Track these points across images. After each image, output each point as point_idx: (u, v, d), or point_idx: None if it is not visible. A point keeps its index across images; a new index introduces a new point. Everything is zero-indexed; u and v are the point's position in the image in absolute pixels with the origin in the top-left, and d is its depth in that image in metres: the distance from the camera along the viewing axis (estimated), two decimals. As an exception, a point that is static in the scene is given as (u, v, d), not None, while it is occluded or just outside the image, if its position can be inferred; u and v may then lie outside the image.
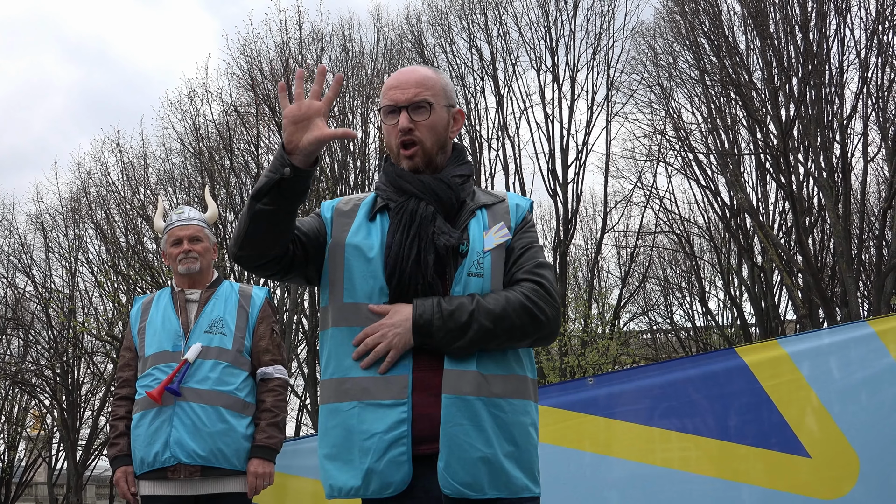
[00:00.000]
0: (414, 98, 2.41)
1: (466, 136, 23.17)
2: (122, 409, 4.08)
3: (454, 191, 2.43)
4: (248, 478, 3.92)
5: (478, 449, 2.25)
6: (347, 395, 2.32)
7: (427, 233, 2.33)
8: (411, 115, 2.41)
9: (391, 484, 2.25)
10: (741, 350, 4.18)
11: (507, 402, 2.32)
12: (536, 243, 2.47)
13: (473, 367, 2.29)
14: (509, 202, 2.52)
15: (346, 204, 2.51)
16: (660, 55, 21.94)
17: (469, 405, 2.26)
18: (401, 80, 2.45)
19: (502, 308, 2.30)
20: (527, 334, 2.34)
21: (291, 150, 2.22)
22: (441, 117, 2.45)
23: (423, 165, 2.43)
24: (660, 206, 23.98)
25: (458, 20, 23.78)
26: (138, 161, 23.37)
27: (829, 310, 18.01)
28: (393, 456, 2.25)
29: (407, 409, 2.26)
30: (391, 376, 2.29)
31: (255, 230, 2.29)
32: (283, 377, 4.11)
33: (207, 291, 4.13)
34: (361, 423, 2.28)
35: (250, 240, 2.31)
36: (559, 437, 4.21)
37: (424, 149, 2.42)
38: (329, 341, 2.41)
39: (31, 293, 25.85)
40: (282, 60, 22.17)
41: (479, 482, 2.25)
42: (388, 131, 2.45)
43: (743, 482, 4.04)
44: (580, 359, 21.08)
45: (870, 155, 18.85)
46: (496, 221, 2.44)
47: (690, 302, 26.43)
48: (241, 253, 2.35)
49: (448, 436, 2.24)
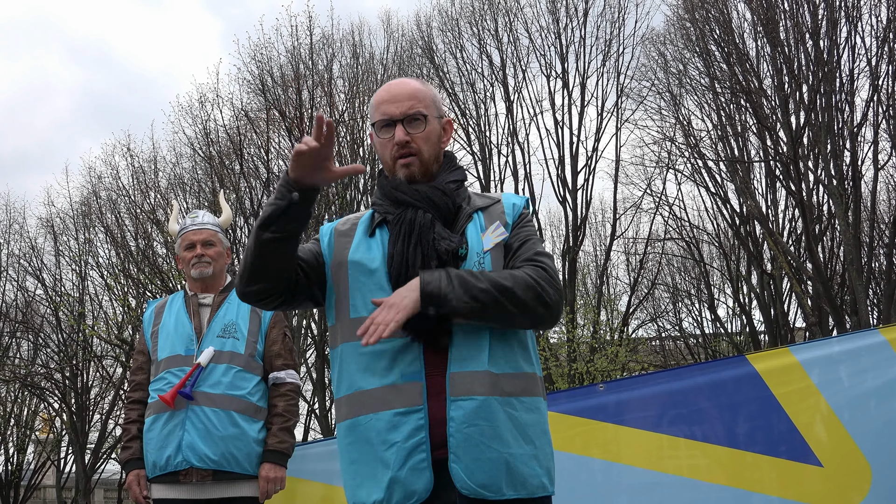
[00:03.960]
0: (409, 111, 2.43)
1: (476, 142, 23.21)
2: (134, 412, 4.08)
3: (450, 196, 2.44)
4: (259, 482, 3.93)
5: (495, 449, 2.25)
6: (364, 408, 2.32)
7: (428, 239, 2.34)
8: (406, 127, 2.43)
9: (414, 493, 2.24)
10: (752, 357, 4.17)
11: (518, 401, 2.32)
12: (534, 236, 2.47)
13: (485, 366, 2.29)
14: (504, 202, 2.53)
15: (344, 224, 2.54)
16: (670, 62, 21.95)
17: (485, 405, 2.26)
18: (393, 93, 2.47)
19: (510, 280, 2.29)
20: (529, 311, 2.30)
21: (298, 185, 2.28)
22: (434, 128, 2.48)
23: (420, 174, 2.44)
24: (669, 212, 23.97)
25: (468, 26, 23.82)
26: (149, 165, 23.45)
27: (839, 318, 17.96)
28: (413, 463, 2.24)
29: (423, 415, 2.26)
30: (405, 384, 2.28)
31: (263, 261, 2.33)
32: (295, 382, 4.12)
33: (220, 296, 4.14)
34: (380, 434, 2.28)
35: (260, 272, 2.34)
36: (568, 443, 4.20)
37: (422, 159, 2.44)
38: (340, 358, 2.42)
39: (42, 296, 25.95)
40: (292, 66, 22.24)
41: (497, 483, 2.24)
42: (383, 145, 2.47)
43: (753, 490, 4.02)
44: (589, 365, 21.03)
45: (880, 163, 18.80)
46: (492, 222, 2.45)
47: (699, 309, 26.40)
48: (250, 288, 2.38)
49: (464, 436, 2.24)
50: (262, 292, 2.39)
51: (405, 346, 2.31)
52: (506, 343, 2.35)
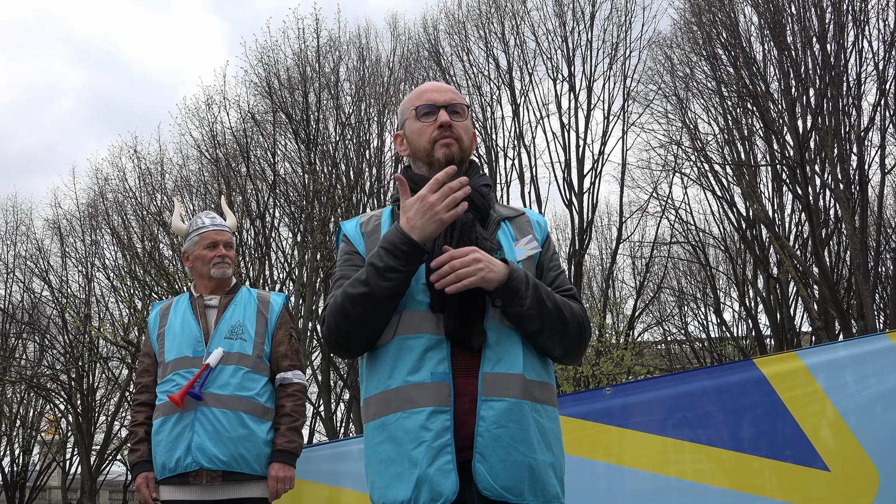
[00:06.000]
0: (452, 100, 2.47)
1: (482, 145, 23.18)
2: (141, 414, 4.08)
3: (486, 199, 2.46)
4: (269, 482, 3.93)
5: (521, 453, 2.25)
6: (392, 407, 2.31)
7: (470, 238, 2.34)
8: (450, 115, 2.45)
9: (441, 494, 2.21)
10: (759, 361, 4.15)
11: (543, 408, 2.34)
12: (560, 265, 2.57)
13: (520, 369, 2.29)
14: (530, 217, 2.58)
15: (367, 224, 2.54)
16: (676, 65, 21.91)
17: (517, 408, 2.26)
18: (436, 86, 2.53)
19: (569, 311, 2.37)
20: (572, 344, 2.40)
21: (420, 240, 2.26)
22: (470, 127, 2.51)
23: (458, 158, 2.44)
24: (675, 216, 23.94)
25: (475, 29, 23.81)
26: (155, 167, 23.52)
27: (846, 322, 17.91)
28: (441, 464, 2.22)
29: (450, 416, 2.24)
30: (433, 383, 2.26)
31: (380, 321, 2.31)
32: (302, 382, 4.12)
33: (226, 297, 4.14)
34: (408, 433, 2.26)
35: (375, 322, 2.32)
36: (573, 446, 4.17)
37: (462, 145, 2.46)
38: (367, 357, 2.42)
39: (48, 298, 26.03)
40: (299, 68, 22.27)
41: (520, 487, 2.24)
42: (422, 131, 2.47)
43: (758, 495, 4.01)
44: (594, 369, 21.02)
45: (887, 167, 18.78)
46: (521, 233, 2.49)
47: (705, 313, 26.37)
48: (363, 339, 2.36)
49: (493, 437, 2.23)
50: (368, 343, 2.39)
51: (435, 345, 2.29)
52: (536, 351, 2.38)
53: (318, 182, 21.31)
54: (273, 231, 22.73)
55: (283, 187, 22.37)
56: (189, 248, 4.22)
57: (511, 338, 2.32)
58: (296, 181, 22.46)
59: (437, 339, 2.29)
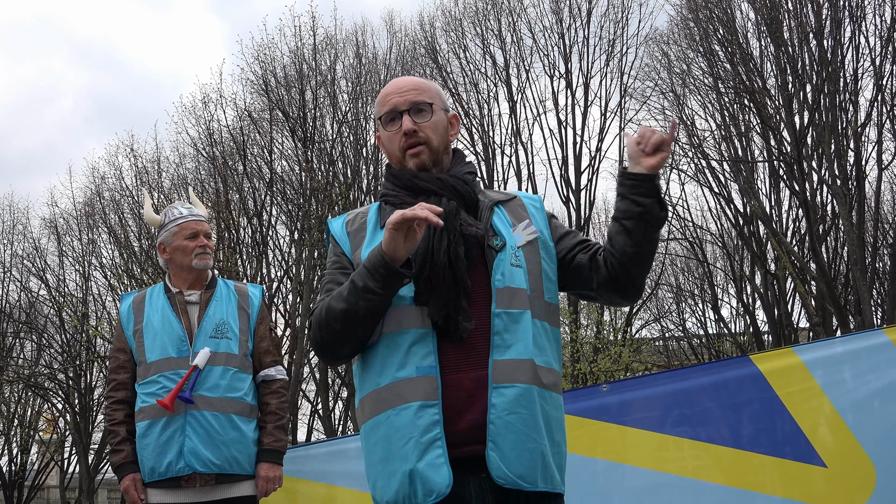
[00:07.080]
0: (414, 100, 2.43)
1: (480, 142, 23.19)
2: (120, 412, 3.91)
3: (470, 186, 2.44)
4: (258, 482, 3.89)
5: (534, 439, 2.24)
6: (384, 405, 2.29)
7: (454, 226, 2.31)
8: (413, 117, 2.42)
9: (433, 490, 2.19)
10: (756, 358, 4.15)
11: (549, 395, 2.33)
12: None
13: (530, 354, 2.28)
14: (522, 199, 2.54)
15: (353, 222, 2.51)
16: (673, 62, 21.91)
17: (527, 393, 2.25)
18: (398, 86, 2.47)
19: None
20: (646, 272, 2.43)
21: (394, 259, 2.23)
22: (441, 119, 2.47)
23: (431, 163, 2.42)
24: (673, 212, 23.91)
25: (471, 26, 23.79)
26: (152, 166, 23.48)
27: (843, 318, 17.92)
28: (431, 459, 2.20)
29: (438, 410, 2.22)
30: (420, 377, 2.25)
31: (366, 331, 2.31)
32: (284, 378, 4.06)
33: (207, 292, 4.01)
34: (399, 430, 2.24)
35: (358, 335, 2.32)
36: (571, 444, 4.14)
37: (431, 147, 2.43)
38: (361, 358, 2.40)
39: (45, 297, 26.00)
40: (296, 66, 22.24)
41: (534, 474, 2.23)
42: (390, 138, 2.45)
43: (756, 491, 4.01)
44: (592, 365, 21.02)
45: (884, 162, 18.80)
46: (516, 218, 2.46)
47: (703, 309, 26.36)
48: (347, 351, 2.36)
49: (505, 423, 2.21)
50: (354, 353, 2.40)
51: (419, 339, 2.27)
52: (545, 336, 2.36)
53: (316, 180, 21.30)
54: (270, 229, 22.73)
55: (280, 185, 22.37)
56: (167, 239, 4.04)
57: (520, 323, 2.30)
58: (293, 179, 22.45)
59: (422, 332, 2.27)
